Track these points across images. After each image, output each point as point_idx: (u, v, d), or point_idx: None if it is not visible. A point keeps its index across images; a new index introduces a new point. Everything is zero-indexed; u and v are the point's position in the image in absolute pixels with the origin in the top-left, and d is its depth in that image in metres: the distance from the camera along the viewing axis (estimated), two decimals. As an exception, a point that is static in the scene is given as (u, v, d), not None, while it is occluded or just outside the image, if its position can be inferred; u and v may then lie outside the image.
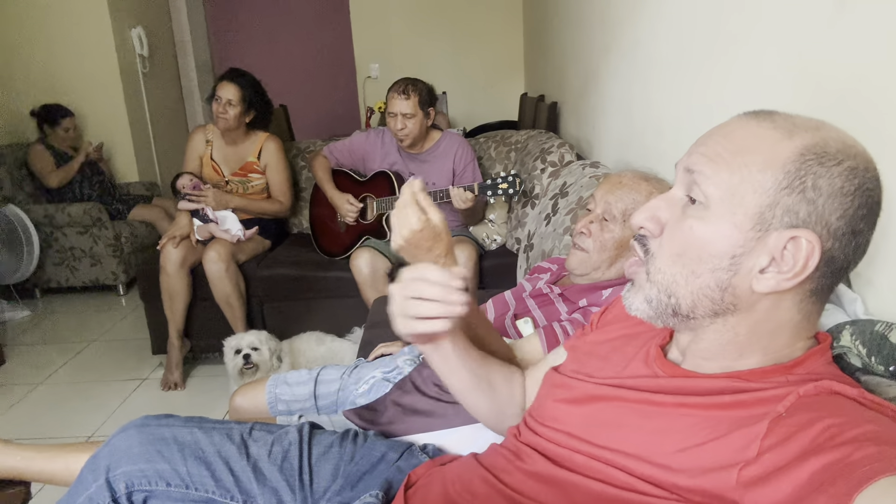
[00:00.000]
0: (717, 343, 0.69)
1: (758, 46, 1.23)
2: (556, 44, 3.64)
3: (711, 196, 0.65)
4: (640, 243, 0.73)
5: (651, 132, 1.90)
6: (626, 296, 0.75)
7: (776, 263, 0.63)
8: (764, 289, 0.64)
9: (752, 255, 0.64)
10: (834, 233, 0.62)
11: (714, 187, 0.65)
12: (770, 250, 0.63)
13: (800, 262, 0.62)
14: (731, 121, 0.68)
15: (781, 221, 0.62)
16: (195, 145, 2.90)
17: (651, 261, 0.70)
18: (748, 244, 0.63)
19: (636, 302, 0.72)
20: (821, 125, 0.64)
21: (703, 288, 0.66)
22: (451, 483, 0.86)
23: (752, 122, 0.66)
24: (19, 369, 2.96)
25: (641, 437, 0.69)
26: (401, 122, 2.54)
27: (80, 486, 1.01)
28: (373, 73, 5.49)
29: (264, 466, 1.04)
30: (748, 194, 0.63)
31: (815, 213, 0.61)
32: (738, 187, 0.63)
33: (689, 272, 0.67)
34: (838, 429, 0.55)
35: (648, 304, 0.71)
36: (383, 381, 1.44)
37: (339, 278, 2.65)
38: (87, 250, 3.77)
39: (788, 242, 0.62)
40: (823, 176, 0.61)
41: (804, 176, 0.61)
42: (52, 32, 4.29)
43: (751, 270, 0.64)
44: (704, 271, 0.66)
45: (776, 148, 0.63)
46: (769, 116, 0.66)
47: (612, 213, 1.29)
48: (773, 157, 0.62)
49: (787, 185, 0.61)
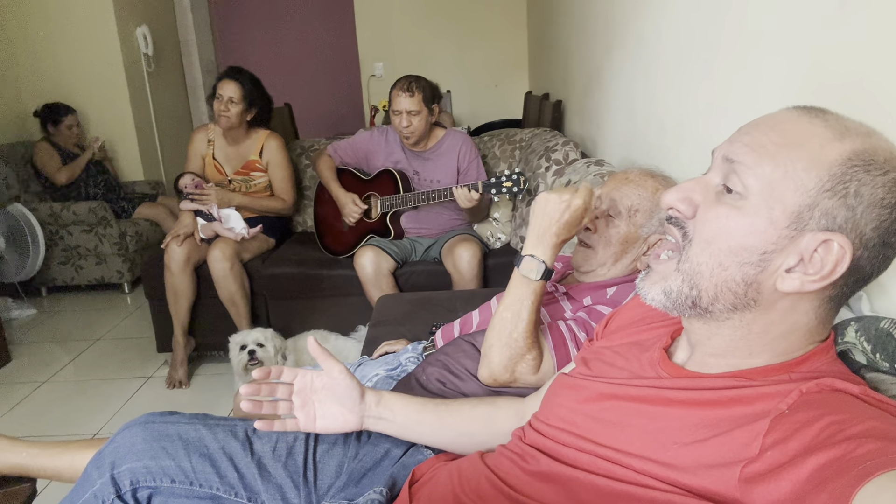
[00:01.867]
0: (730, 338, 0.69)
1: (761, 44, 1.22)
2: (560, 42, 3.64)
3: (751, 188, 0.63)
4: (677, 227, 0.70)
5: (655, 130, 1.90)
6: (640, 285, 0.73)
7: (804, 264, 0.62)
8: (788, 288, 0.63)
9: (783, 253, 0.62)
10: (866, 243, 0.61)
11: (754, 179, 0.63)
12: (801, 251, 0.62)
13: (828, 266, 0.60)
14: (781, 112, 0.66)
15: (818, 223, 0.61)
16: (197, 145, 2.91)
17: (688, 247, 0.68)
18: (781, 242, 0.62)
19: (652, 292, 0.71)
20: (872, 132, 0.63)
21: (727, 281, 0.65)
22: (458, 482, 0.86)
23: (803, 116, 0.64)
24: (25, 367, 2.97)
25: (645, 437, 0.69)
26: (405, 119, 2.54)
27: (84, 482, 1.01)
28: (377, 72, 5.50)
29: (268, 463, 1.04)
30: (789, 191, 0.61)
31: (853, 220, 0.60)
32: (780, 183, 0.62)
33: (717, 263, 0.65)
34: (840, 426, 0.54)
35: (667, 296, 0.69)
36: (387, 378, 1.44)
37: (344, 277, 2.65)
38: (93, 249, 3.79)
39: (820, 245, 0.61)
40: (867, 184, 0.59)
41: (848, 181, 0.59)
42: (57, 31, 4.30)
43: (778, 268, 0.63)
44: (732, 264, 0.64)
45: (825, 148, 0.61)
46: (821, 114, 0.64)
47: (618, 210, 1.28)
48: (820, 157, 0.61)
49: (830, 189, 0.60)
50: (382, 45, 5.45)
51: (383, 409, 1.03)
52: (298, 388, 1.02)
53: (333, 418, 1.02)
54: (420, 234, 2.72)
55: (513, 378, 1.16)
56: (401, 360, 1.51)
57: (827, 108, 0.65)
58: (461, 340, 1.37)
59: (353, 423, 1.03)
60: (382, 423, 1.03)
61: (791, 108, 0.66)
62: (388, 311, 2.08)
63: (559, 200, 1.11)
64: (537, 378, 1.16)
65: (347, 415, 1.02)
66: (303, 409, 1.02)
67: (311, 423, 1.02)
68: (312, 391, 1.03)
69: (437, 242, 2.68)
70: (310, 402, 1.03)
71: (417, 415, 1.03)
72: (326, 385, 1.02)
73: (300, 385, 1.03)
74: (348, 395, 1.01)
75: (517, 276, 1.14)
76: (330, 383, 1.01)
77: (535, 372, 1.16)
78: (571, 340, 1.19)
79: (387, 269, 2.54)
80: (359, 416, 1.02)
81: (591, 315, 1.24)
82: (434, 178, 2.66)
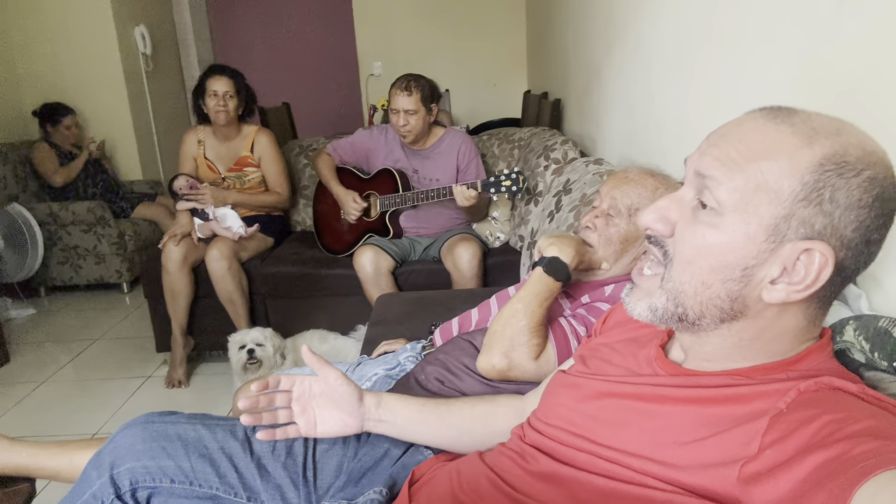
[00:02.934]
0: (720, 346, 0.68)
1: (760, 42, 1.23)
2: (559, 41, 3.64)
3: (724, 203, 0.62)
4: (657, 246, 0.70)
5: (654, 129, 1.90)
6: (626, 300, 0.73)
7: (787, 274, 0.61)
8: (774, 300, 0.62)
9: (765, 266, 0.62)
10: (848, 244, 0.60)
11: (727, 193, 0.62)
12: (783, 261, 0.61)
13: (812, 274, 0.60)
14: (746, 119, 0.65)
15: (796, 233, 0.60)
16: (188, 147, 2.92)
17: (670, 266, 0.68)
18: (761, 256, 0.61)
19: (638, 308, 0.71)
20: (841, 128, 0.61)
21: (712, 298, 0.65)
22: (458, 482, 0.86)
23: (769, 123, 0.62)
24: (24, 367, 2.97)
25: (644, 436, 0.69)
26: (403, 119, 2.54)
27: (84, 482, 1.01)
28: (376, 71, 5.49)
29: (268, 463, 1.04)
30: (763, 204, 0.60)
31: (831, 225, 0.59)
32: (753, 196, 0.61)
33: (700, 282, 0.65)
34: (838, 424, 0.54)
35: (653, 312, 0.69)
36: (386, 377, 1.44)
37: (343, 276, 2.65)
38: (91, 249, 3.78)
39: (802, 254, 0.60)
40: (842, 188, 0.58)
41: (822, 188, 0.58)
42: (55, 31, 4.30)
43: (762, 281, 0.62)
44: (716, 282, 0.64)
45: (794, 157, 0.59)
46: (788, 118, 0.62)
47: (618, 208, 1.28)
48: (790, 167, 0.59)
49: (804, 197, 0.59)
50: (381, 44, 5.44)
51: (383, 411, 1.03)
52: (297, 394, 1.02)
53: (334, 423, 1.02)
54: (419, 233, 2.72)
55: (510, 365, 1.17)
56: (400, 359, 1.51)
57: (794, 108, 0.64)
58: (460, 339, 1.37)
59: (354, 427, 1.02)
60: (383, 425, 1.03)
61: (757, 112, 0.65)
62: (387, 310, 2.08)
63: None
64: (536, 365, 1.16)
65: (347, 419, 1.02)
66: (303, 415, 1.02)
67: (311, 429, 1.02)
68: (311, 397, 1.02)
69: (437, 241, 2.68)
70: (309, 407, 1.02)
71: (418, 415, 1.03)
72: (324, 391, 1.02)
73: (298, 392, 1.02)
74: (346, 400, 1.01)
75: (538, 272, 1.21)
76: (327, 389, 1.01)
77: (535, 358, 1.16)
78: (572, 334, 1.20)
79: (386, 269, 2.53)
80: (359, 419, 1.02)
81: (589, 311, 1.25)
82: (433, 176, 2.66)
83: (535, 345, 1.17)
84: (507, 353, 1.17)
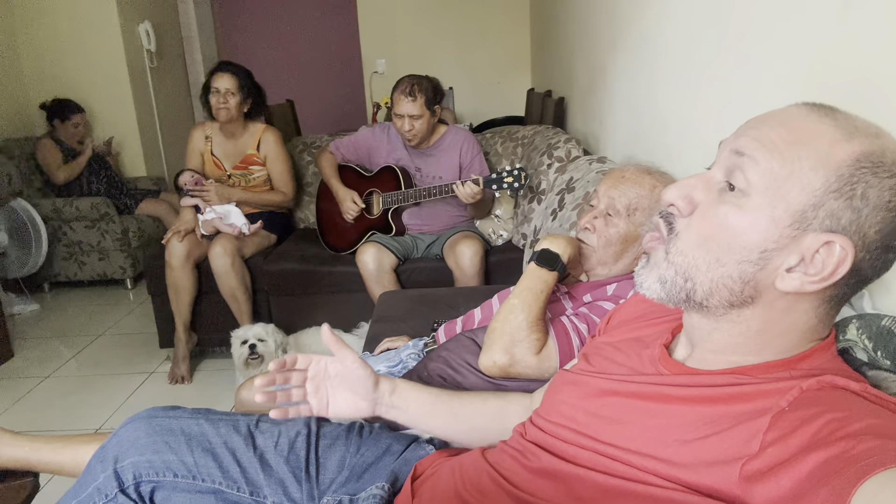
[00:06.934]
0: (729, 334, 0.68)
1: (765, 42, 1.22)
2: (563, 39, 3.64)
3: (755, 185, 0.62)
4: (665, 220, 0.70)
5: (658, 128, 1.90)
6: (638, 272, 0.73)
7: (804, 264, 0.61)
8: (788, 288, 0.62)
9: (784, 252, 0.62)
10: (868, 245, 0.60)
11: (759, 176, 0.62)
12: (802, 250, 0.61)
13: (829, 267, 0.60)
14: (790, 109, 0.65)
15: (822, 224, 0.60)
16: (195, 143, 2.92)
17: (673, 241, 0.68)
18: (782, 241, 0.62)
19: (648, 280, 0.71)
20: (880, 132, 0.62)
21: (724, 277, 0.65)
22: (460, 478, 0.86)
23: (812, 114, 0.63)
24: (28, 362, 2.98)
25: (646, 434, 0.69)
26: (408, 124, 2.53)
27: (87, 476, 1.01)
28: (379, 69, 5.49)
29: (271, 458, 1.04)
30: (794, 190, 0.60)
31: (857, 222, 0.59)
32: (786, 181, 0.61)
33: (714, 259, 0.65)
34: (840, 423, 0.54)
35: (662, 284, 0.69)
36: (388, 374, 1.44)
37: (345, 273, 2.66)
38: (95, 245, 3.79)
39: (822, 246, 0.60)
40: (874, 186, 0.59)
41: (856, 183, 0.59)
42: (60, 27, 4.30)
43: (778, 267, 0.62)
44: (730, 261, 0.64)
45: (833, 148, 0.60)
46: (831, 112, 0.63)
47: (616, 208, 1.28)
48: (828, 157, 0.60)
49: (837, 189, 0.59)
50: (385, 41, 5.44)
51: (397, 398, 1.03)
52: (312, 374, 1.02)
53: (346, 405, 1.02)
54: (422, 230, 2.72)
55: (511, 361, 1.17)
56: (402, 356, 1.51)
57: (836, 107, 0.64)
58: (462, 336, 1.37)
59: (366, 410, 1.02)
60: (395, 411, 1.03)
61: (800, 105, 0.65)
62: (389, 307, 2.08)
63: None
64: (538, 360, 1.17)
65: (360, 402, 1.02)
66: (315, 394, 1.02)
67: (323, 409, 1.02)
68: (326, 377, 1.02)
69: (439, 239, 2.69)
70: (322, 388, 1.02)
71: (431, 406, 1.03)
72: (340, 372, 1.01)
73: (314, 371, 1.02)
74: (361, 384, 1.01)
75: (531, 266, 1.23)
76: (343, 371, 1.01)
77: (536, 353, 1.17)
78: (573, 331, 1.20)
79: (389, 266, 2.54)
80: (371, 403, 1.02)
81: (592, 310, 1.25)
82: (436, 174, 2.66)
83: (536, 339, 1.18)
84: (508, 349, 1.17)
